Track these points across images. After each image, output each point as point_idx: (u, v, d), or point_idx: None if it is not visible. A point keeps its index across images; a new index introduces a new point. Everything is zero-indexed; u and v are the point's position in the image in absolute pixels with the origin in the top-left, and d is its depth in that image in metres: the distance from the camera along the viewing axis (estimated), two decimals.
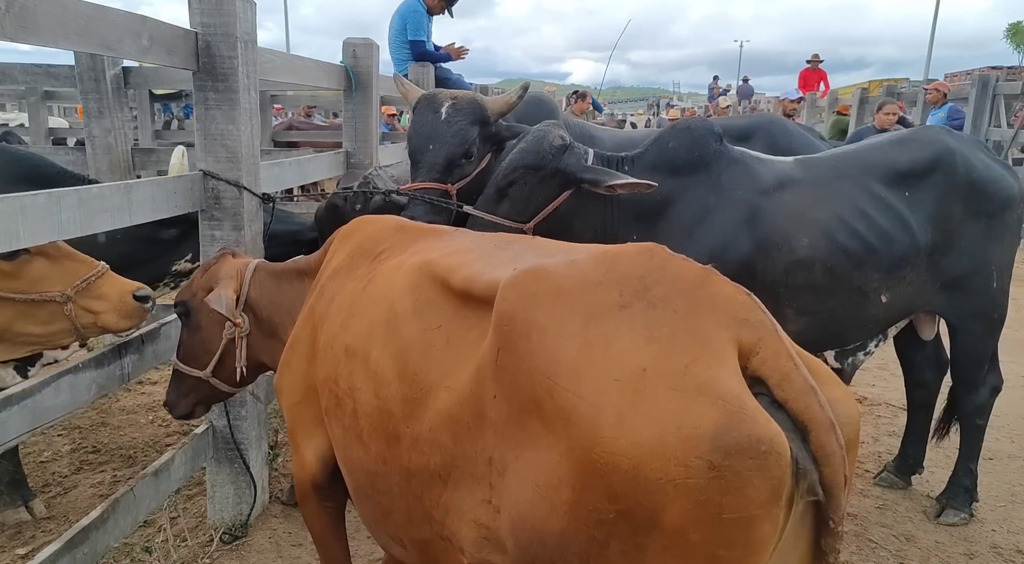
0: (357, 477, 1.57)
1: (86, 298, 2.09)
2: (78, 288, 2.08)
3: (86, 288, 2.09)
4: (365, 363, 1.49)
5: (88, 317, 2.09)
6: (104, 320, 2.11)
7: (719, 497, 1.00)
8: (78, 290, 2.08)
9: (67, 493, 3.04)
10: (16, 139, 6.09)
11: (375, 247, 1.76)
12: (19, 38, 1.71)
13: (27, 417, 1.74)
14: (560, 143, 2.46)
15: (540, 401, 1.14)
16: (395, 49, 5.80)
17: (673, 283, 1.16)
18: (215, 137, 2.54)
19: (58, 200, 1.84)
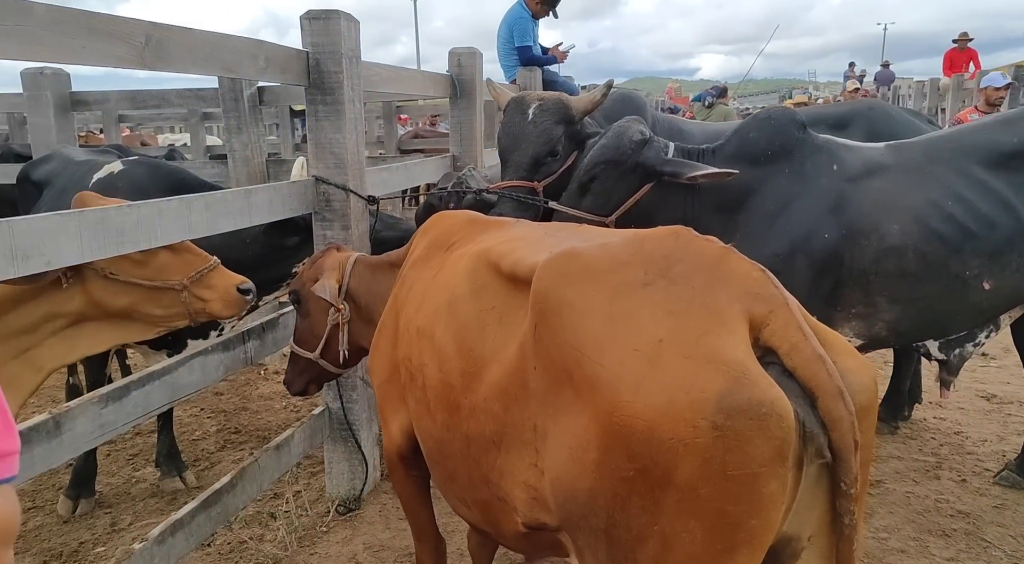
0: (428, 444, 1.74)
1: (199, 287, 2.38)
2: (193, 278, 2.37)
3: (199, 279, 2.38)
4: (431, 341, 1.66)
5: (199, 304, 2.38)
6: (211, 307, 2.40)
7: (723, 455, 1.07)
8: (193, 280, 2.37)
9: (213, 467, 3.46)
10: (179, 156, 6.86)
11: (448, 239, 1.93)
12: (157, 67, 2.02)
13: (167, 390, 2.05)
14: (639, 137, 2.53)
15: (570, 371, 1.25)
16: (503, 56, 6.01)
17: (694, 261, 1.24)
18: (324, 145, 2.82)
19: (188, 204, 2.15)
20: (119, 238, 1.87)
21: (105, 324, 2.37)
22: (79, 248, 1.74)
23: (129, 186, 2.93)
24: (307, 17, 2.71)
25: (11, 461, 0.76)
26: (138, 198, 2.66)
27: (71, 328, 2.31)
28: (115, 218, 1.86)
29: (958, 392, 4.00)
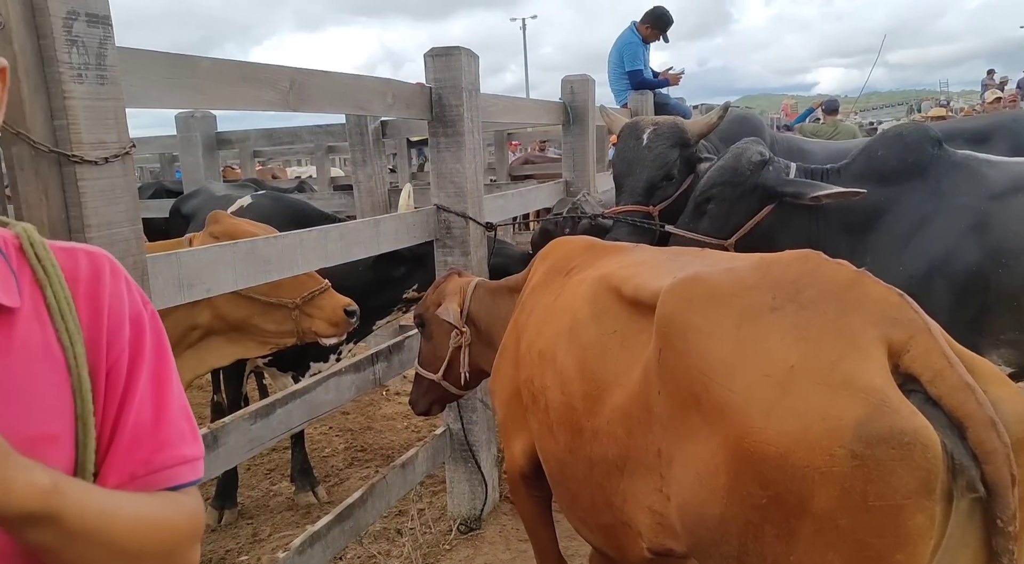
0: (551, 466, 1.77)
1: (309, 307, 2.55)
2: (305, 298, 2.54)
3: (311, 299, 2.55)
4: (553, 364, 1.70)
5: (307, 322, 2.55)
6: (318, 326, 2.56)
7: (863, 485, 1.04)
8: (305, 300, 2.54)
9: (342, 483, 3.64)
10: (308, 188, 7.34)
11: (567, 264, 1.97)
12: (299, 108, 2.20)
13: (306, 409, 2.20)
14: (758, 159, 2.49)
15: (697, 396, 1.25)
16: (614, 81, 6.05)
17: (824, 286, 1.21)
18: (445, 175, 2.94)
19: (325, 234, 2.30)
20: (266, 267, 2.03)
21: (225, 338, 2.58)
22: (233, 276, 1.90)
23: (255, 216, 3.20)
24: (430, 54, 2.86)
25: (198, 465, 0.86)
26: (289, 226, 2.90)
27: (201, 341, 2.53)
28: (263, 249, 2.02)
29: None
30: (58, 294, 0.79)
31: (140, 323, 0.85)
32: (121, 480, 0.78)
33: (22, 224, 0.82)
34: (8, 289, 0.76)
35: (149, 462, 0.81)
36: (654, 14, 5.89)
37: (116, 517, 0.73)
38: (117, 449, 0.80)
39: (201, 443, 0.87)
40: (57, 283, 0.79)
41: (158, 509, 0.79)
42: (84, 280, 0.83)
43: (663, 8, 5.93)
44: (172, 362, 0.88)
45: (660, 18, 5.89)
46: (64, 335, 0.78)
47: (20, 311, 0.76)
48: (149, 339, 0.85)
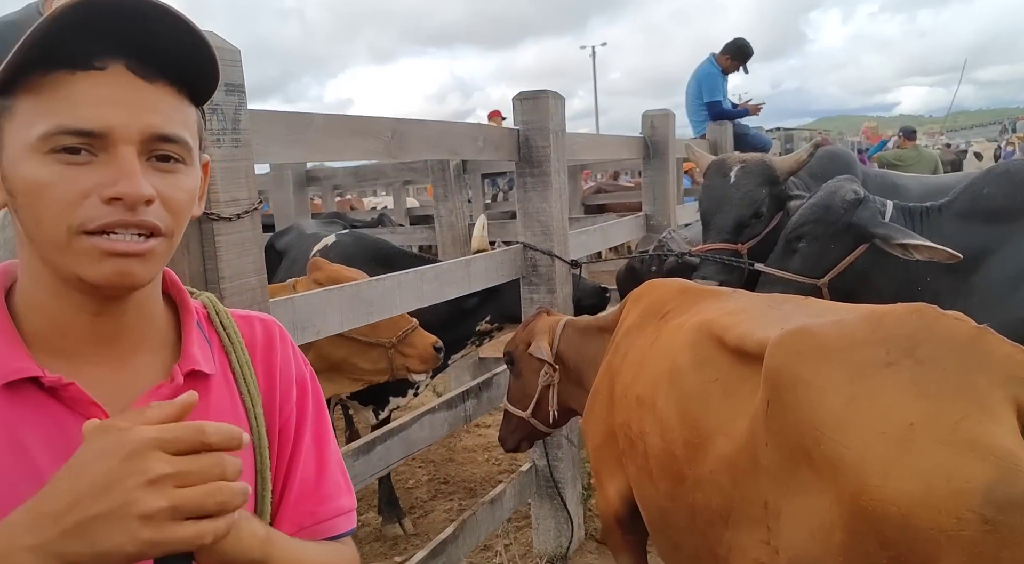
0: (650, 512, 1.78)
1: (403, 345, 2.66)
2: (400, 337, 2.65)
3: (404, 338, 2.66)
4: (652, 410, 1.71)
5: (401, 360, 2.66)
6: (411, 364, 2.67)
7: (995, 551, 1.01)
8: (400, 339, 2.65)
9: (427, 515, 3.70)
10: (388, 221, 7.56)
11: (662, 308, 1.98)
12: (399, 156, 2.30)
13: (403, 446, 2.27)
14: (853, 197, 2.45)
15: (808, 450, 1.25)
16: (692, 111, 6.04)
17: (943, 341, 1.20)
18: (532, 214, 3.01)
19: (421, 276, 2.39)
20: (369, 309, 2.12)
21: (323, 377, 2.69)
22: (340, 318, 2.00)
23: (338, 256, 3.36)
24: (518, 98, 2.94)
25: (353, 516, 0.94)
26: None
27: None
28: (366, 291, 2.11)
29: None
30: (241, 360, 0.87)
31: (304, 385, 0.94)
32: (291, 530, 0.86)
33: (206, 294, 0.92)
34: (207, 358, 0.85)
35: (315, 514, 0.89)
36: (735, 45, 5.88)
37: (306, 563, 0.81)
38: (287, 502, 0.88)
39: (354, 495, 0.93)
40: (240, 349, 0.88)
41: (329, 557, 0.87)
42: (260, 346, 0.91)
43: (744, 40, 5.92)
44: (329, 419, 0.96)
45: (741, 49, 5.87)
46: (247, 397, 0.86)
47: (213, 376, 0.85)
48: (311, 400, 0.93)
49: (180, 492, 0.60)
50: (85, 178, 0.71)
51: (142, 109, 0.72)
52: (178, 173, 0.76)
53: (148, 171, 0.73)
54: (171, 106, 0.75)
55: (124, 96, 0.72)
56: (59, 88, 0.70)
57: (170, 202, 0.75)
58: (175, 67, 0.75)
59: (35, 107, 0.71)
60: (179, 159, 0.76)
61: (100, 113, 0.70)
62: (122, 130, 0.71)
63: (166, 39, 0.72)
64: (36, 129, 0.70)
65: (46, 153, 0.70)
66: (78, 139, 0.70)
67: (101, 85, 0.71)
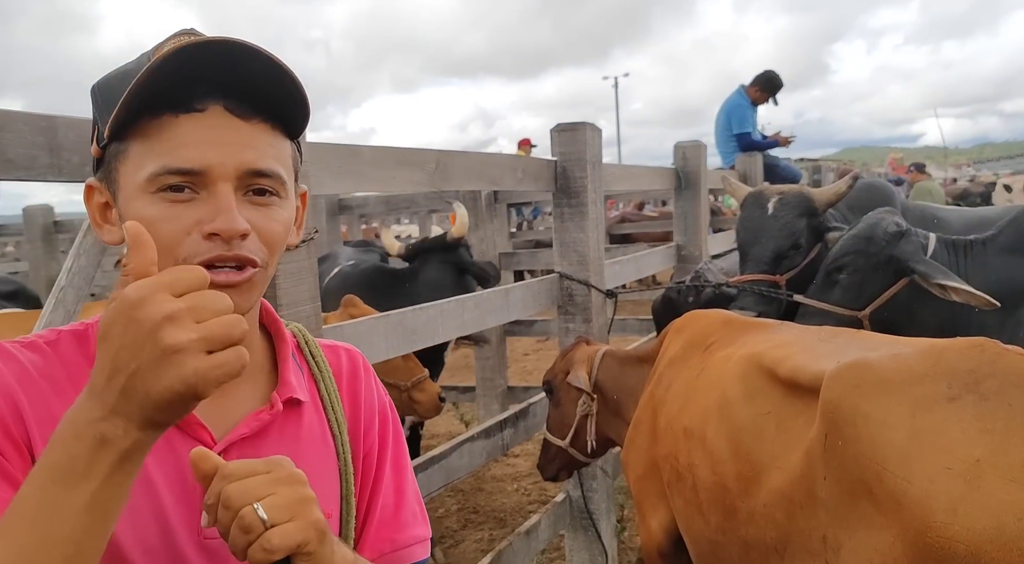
0: (699, 545, 1.76)
1: (415, 391, 2.89)
2: (413, 383, 2.88)
3: (417, 384, 2.89)
4: (702, 442, 1.70)
5: (411, 405, 2.89)
6: (420, 409, 2.92)
7: None
8: (413, 384, 2.88)
9: (457, 545, 3.67)
10: None
11: (705, 339, 1.98)
12: (443, 186, 2.34)
13: (443, 474, 2.27)
14: (895, 230, 2.44)
15: (869, 484, 1.24)
16: (722, 142, 6.07)
17: (1007, 377, 1.19)
18: (568, 244, 3.03)
19: (462, 305, 2.41)
20: (412, 336, 2.14)
21: None
22: (386, 345, 2.02)
23: (338, 285, 3.58)
24: (557, 130, 2.98)
25: (427, 544, 0.95)
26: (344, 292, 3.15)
27: None
28: (410, 319, 2.14)
29: None
30: (329, 388, 0.91)
31: (385, 415, 0.97)
32: (371, 556, 0.88)
33: (295, 324, 0.96)
34: (301, 386, 0.88)
35: (394, 541, 0.91)
36: (765, 77, 5.94)
37: None
38: (369, 528, 0.91)
39: (429, 525, 0.94)
40: (328, 378, 0.92)
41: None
42: (346, 376, 0.95)
43: (773, 72, 5.97)
44: (407, 449, 0.98)
45: (771, 81, 5.92)
46: (335, 425, 0.89)
47: (306, 403, 0.88)
48: (391, 429, 0.96)
49: (203, 324, 0.61)
50: (188, 215, 0.75)
51: (239, 147, 0.76)
52: (272, 206, 0.80)
53: (244, 205, 0.77)
54: (266, 142, 0.79)
55: (222, 136, 0.75)
56: (164, 130, 0.75)
57: (265, 234, 0.78)
58: (269, 105, 0.78)
59: (144, 149, 0.75)
60: (274, 192, 0.80)
61: (201, 153, 0.74)
62: (220, 168, 0.75)
63: (259, 79, 0.76)
64: (145, 170, 0.75)
65: (154, 192, 0.75)
66: (181, 178, 0.74)
67: (201, 126, 0.75)
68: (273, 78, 0.77)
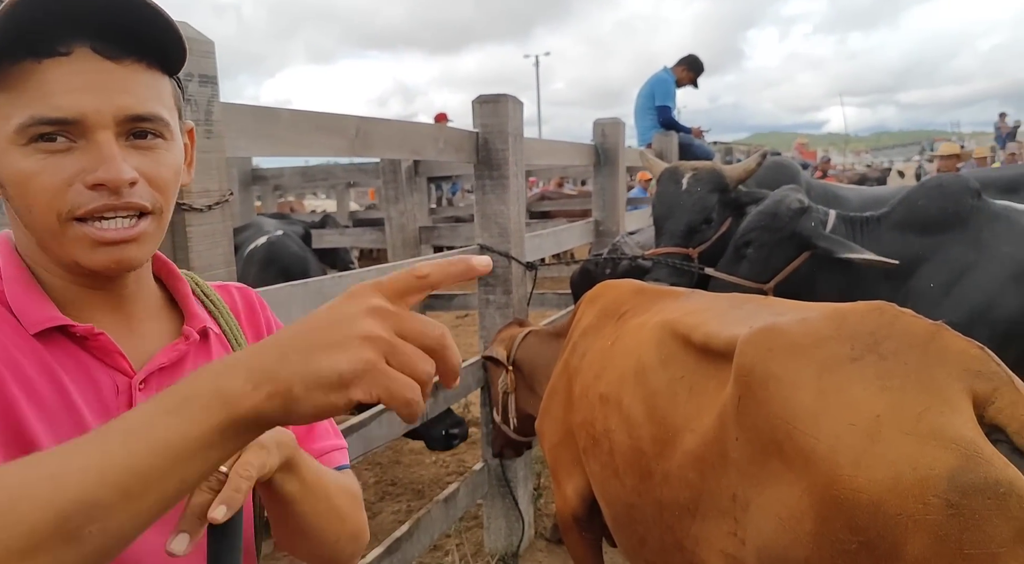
0: (615, 508, 1.81)
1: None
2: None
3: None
4: (618, 408, 1.74)
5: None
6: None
7: (959, 533, 1.08)
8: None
9: (375, 517, 3.65)
10: (333, 221, 7.44)
11: (618, 309, 2.02)
12: (363, 153, 2.29)
13: (362, 442, 2.24)
14: (797, 206, 2.56)
15: (780, 442, 1.30)
16: (641, 117, 6.19)
17: (903, 337, 1.27)
18: (490, 216, 3.02)
19: (382, 274, 2.37)
20: None
21: None
22: (302, 314, 1.97)
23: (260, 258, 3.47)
24: (478, 101, 2.96)
25: (346, 452, 0.99)
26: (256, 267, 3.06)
27: None
28: (329, 287, 2.09)
29: None
30: (230, 322, 0.92)
31: None
32: None
33: (184, 270, 0.95)
34: (207, 319, 0.90)
35: (313, 451, 0.93)
36: (691, 58, 6.19)
37: (324, 474, 0.84)
38: None
39: (343, 438, 1.00)
40: (227, 314, 0.93)
41: (337, 475, 0.92)
42: (243, 310, 0.97)
43: (696, 55, 6.20)
44: None
45: (695, 62, 6.16)
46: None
47: (214, 335, 0.90)
48: None
49: (399, 339, 0.57)
50: (68, 165, 0.71)
51: (113, 91, 0.72)
52: (158, 149, 0.77)
53: (128, 152, 0.74)
54: (142, 84, 0.75)
55: (94, 80, 0.71)
56: (28, 78, 0.70)
57: (155, 179, 0.76)
58: (140, 42, 0.74)
59: (8, 100, 0.71)
60: (158, 134, 0.76)
61: (72, 100, 0.70)
62: (95, 116, 0.71)
63: (125, 15, 0.72)
64: (13, 121, 0.70)
65: (25, 144, 0.71)
66: (53, 128, 0.71)
67: (69, 71, 0.71)
68: (140, 13, 0.73)
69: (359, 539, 0.93)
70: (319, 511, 0.82)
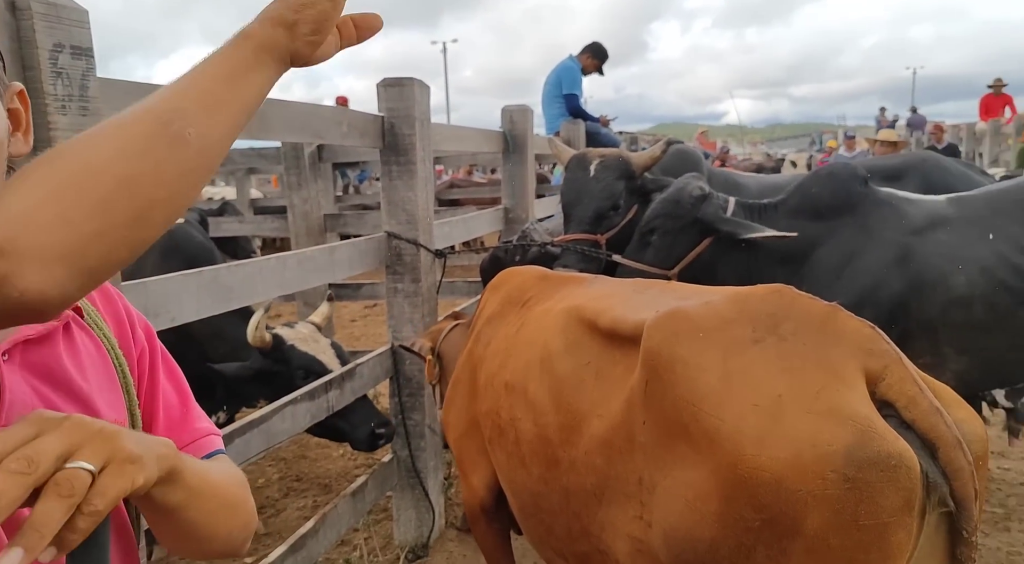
0: (521, 497, 1.79)
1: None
2: None
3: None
4: (524, 396, 1.72)
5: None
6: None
7: (854, 506, 1.12)
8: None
9: (279, 514, 3.52)
10: (233, 209, 7.11)
11: (522, 295, 2.00)
12: (260, 136, 2.17)
13: (263, 438, 2.14)
14: (698, 193, 2.63)
15: (686, 425, 1.31)
16: (548, 104, 6.22)
17: (801, 319, 1.30)
18: (397, 203, 2.95)
19: (283, 262, 2.27)
20: (228, 294, 1.99)
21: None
22: (197, 305, 1.85)
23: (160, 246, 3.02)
24: (383, 85, 2.87)
25: (220, 438, 0.99)
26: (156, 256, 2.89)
27: None
28: (225, 276, 1.98)
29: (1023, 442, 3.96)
30: (88, 309, 0.88)
31: (148, 327, 0.98)
32: None
33: None
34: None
35: (190, 433, 0.94)
36: (595, 46, 6.22)
37: (209, 471, 0.82)
38: (157, 432, 0.92)
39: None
40: (85, 300, 0.88)
41: (220, 466, 0.91)
42: (99, 298, 0.93)
43: (600, 43, 6.26)
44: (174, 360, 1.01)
45: (600, 50, 6.21)
46: (105, 340, 0.89)
47: (71, 325, 0.85)
48: (157, 342, 0.98)
49: None
50: None
51: None
52: None
53: None
54: None
55: None
56: None
57: None
58: None
59: None
60: None
61: None
62: None
63: None
64: None
65: None
66: None
67: None
68: None
69: (249, 526, 0.94)
70: (209, 510, 0.81)
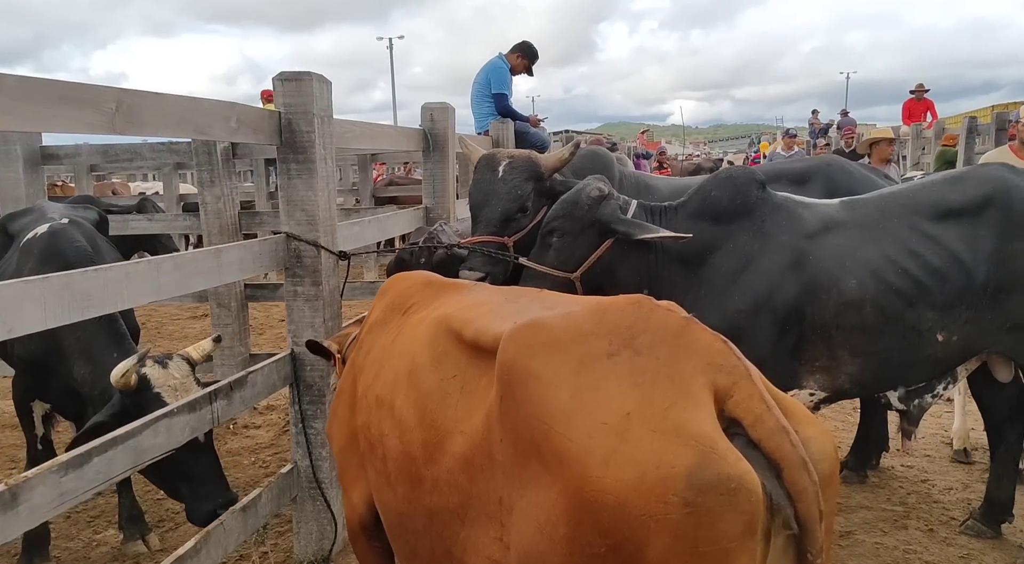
0: (388, 517, 1.71)
1: None
2: None
3: None
4: (391, 411, 1.64)
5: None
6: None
7: (695, 531, 1.07)
8: None
9: (178, 528, 3.36)
10: (151, 206, 6.82)
11: (405, 302, 1.92)
12: (128, 131, 2.03)
13: (131, 455, 2.00)
14: (596, 194, 2.59)
15: (537, 444, 1.25)
16: (477, 104, 6.14)
17: (657, 332, 1.25)
18: (296, 203, 2.83)
19: (157, 266, 2.13)
20: (85, 303, 1.85)
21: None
22: (44, 313, 1.72)
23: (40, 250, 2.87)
24: (279, 79, 2.75)
25: None
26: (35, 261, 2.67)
27: None
28: (81, 282, 1.84)
29: (924, 439, 4.06)
30: None
31: None
32: None
33: None
34: None
35: None
36: (524, 45, 6.16)
37: None
38: None
39: None
40: None
41: None
42: None
43: (531, 42, 6.20)
44: None
45: (529, 48, 6.16)
46: None
47: None
48: None
49: None
50: None
51: None
52: None
53: None
54: None
55: None
56: None
57: None
58: None
59: None
60: None
61: None
62: None
63: None
64: None
65: None
66: None
67: None
68: None
69: None
70: None
